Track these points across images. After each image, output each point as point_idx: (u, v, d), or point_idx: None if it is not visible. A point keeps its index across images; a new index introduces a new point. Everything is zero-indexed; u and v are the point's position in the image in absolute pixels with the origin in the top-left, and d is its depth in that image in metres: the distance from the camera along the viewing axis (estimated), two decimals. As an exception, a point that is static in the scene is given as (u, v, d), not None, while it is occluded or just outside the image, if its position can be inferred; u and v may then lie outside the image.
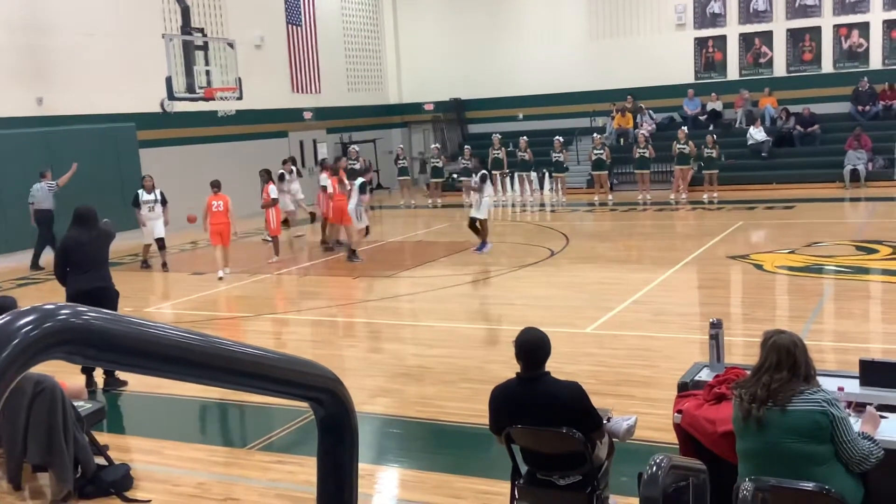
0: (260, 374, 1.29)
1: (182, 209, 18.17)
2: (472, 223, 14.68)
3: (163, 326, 1.12)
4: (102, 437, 6.10)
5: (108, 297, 7.86)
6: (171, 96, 16.91)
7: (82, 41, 18.01)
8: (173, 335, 1.11)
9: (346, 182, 15.20)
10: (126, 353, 1.04)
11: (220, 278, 13.61)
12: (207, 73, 17.56)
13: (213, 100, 17.91)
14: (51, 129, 17.27)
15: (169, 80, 16.38)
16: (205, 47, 17.79)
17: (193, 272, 14.77)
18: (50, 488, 5.47)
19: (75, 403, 5.55)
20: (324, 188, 16.08)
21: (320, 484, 1.51)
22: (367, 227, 15.08)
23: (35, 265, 15.60)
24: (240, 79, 18.16)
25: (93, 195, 17.26)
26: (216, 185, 14.27)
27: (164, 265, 14.82)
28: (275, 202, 15.26)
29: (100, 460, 5.74)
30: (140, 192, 14.84)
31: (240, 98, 18.30)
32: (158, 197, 14.81)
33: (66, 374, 5.96)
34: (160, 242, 14.77)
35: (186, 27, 17.44)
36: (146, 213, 14.75)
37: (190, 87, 17.05)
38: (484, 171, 14.98)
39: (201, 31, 18.51)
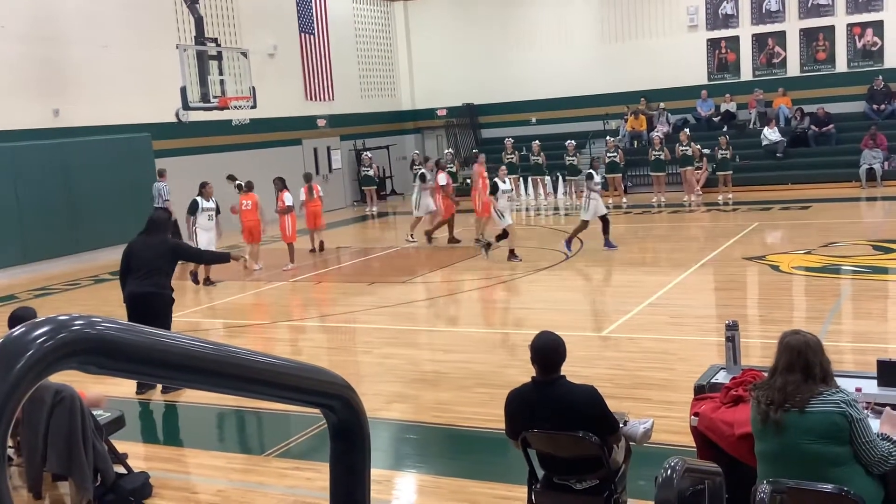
0: (271, 382, 1.30)
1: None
2: (585, 225, 14.59)
3: (176, 336, 1.13)
4: (121, 446, 6.13)
5: (156, 303, 7.98)
6: (185, 106, 17.01)
7: (97, 53, 18.16)
8: (186, 344, 1.13)
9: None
10: (139, 362, 1.05)
11: (259, 269, 14.65)
12: (221, 82, 17.65)
13: (228, 109, 18.01)
14: (67, 141, 17.40)
15: (183, 90, 16.49)
16: (218, 57, 17.89)
17: (208, 280, 14.84)
18: (70, 497, 5.51)
19: (94, 412, 5.59)
20: (442, 187, 16.59)
21: (333, 490, 1.52)
22: (505, 230, 14.39)
23: None
24: (253, 87, 18.26)
25: (108, 205, 17.48)
26: (248, 187, 15.21)
27: (208, 280, 13.92)
28: (289, 209, 15.35)
29: (119, 469, 5.78)
30: (199, 199, 14.02)
31: (254, 107, 18.40)
32: (215, 205, 14.14)
33: (85, 383, 6.01)
34: None
35: (200, 37, 17.55)
36: (204, 223, 13.90)
37: (204, 97, 17.15)
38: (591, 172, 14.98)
39: (215, 40, 18.60)
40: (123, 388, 8.10)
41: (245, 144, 21.73)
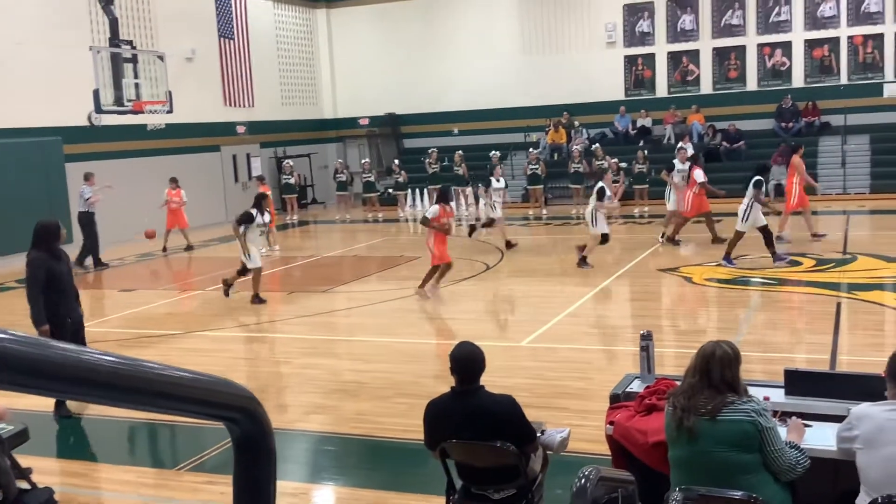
0: (171, 395, 1.24)
1: (112, 225, 17.80)
2: (740, 236, 13.38)
3: (69, 347, 1.07)
4: (25, 461, 5.88)
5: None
6: (98, 109, 16.55)
7: (6, 53, 17.50)
8: (80, 356, 1.07)
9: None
10: (26, 374, 0.99)
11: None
12: (136, 85, 17.24)
13: (143, 113, 17.60)
14: (-28, 143, 16.72)
15: (96, 93, 16.02)
16: (134, 60, 17.47)
17: (122, 289, 14.44)
18: (-32, 515, 5.26)
19: (-5, 426, 5.35)
20: (701, 183, 15.66)
21: (236, 504, 1.47)
22: (605, 235, 13.52)
23: (97, 262, 16.68)
24: (170, 92, 17.87)
25: (18, 211, 16.81)
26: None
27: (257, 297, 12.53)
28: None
29: (22, 484, 5.54)
30: (254, 211, 12.35)
31: (170, 111, 18.00)
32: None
33: (-15, 396, 5.75)
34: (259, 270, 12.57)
35: (115, 39, 17.11)
36: (255, 237, 12.49)
37: (118, 100, 16.72)
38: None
39: (130, 43, 18.16)
40: (27, 400, 7.78)
41: (161, 150, 21.22)
